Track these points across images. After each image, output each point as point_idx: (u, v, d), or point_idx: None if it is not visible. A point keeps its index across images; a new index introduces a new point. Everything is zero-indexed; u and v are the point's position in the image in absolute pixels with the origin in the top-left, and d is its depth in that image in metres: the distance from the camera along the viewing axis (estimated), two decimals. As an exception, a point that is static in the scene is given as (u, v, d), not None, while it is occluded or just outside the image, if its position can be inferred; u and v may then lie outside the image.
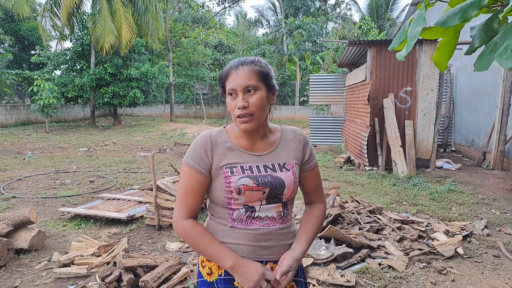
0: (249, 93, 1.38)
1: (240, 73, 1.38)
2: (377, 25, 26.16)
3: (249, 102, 1.37)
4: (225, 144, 1.47)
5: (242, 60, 1.42)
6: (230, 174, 1.41)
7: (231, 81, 1.38)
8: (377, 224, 4.44)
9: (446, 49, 1.50)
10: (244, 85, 1.37)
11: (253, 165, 1.45)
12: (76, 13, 17.54)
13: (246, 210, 1.43)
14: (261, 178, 1.42)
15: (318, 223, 1.57)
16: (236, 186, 1.40)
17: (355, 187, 6.82)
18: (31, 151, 10.64)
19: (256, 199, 1.42)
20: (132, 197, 5.56)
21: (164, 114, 25.59)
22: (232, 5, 27.56)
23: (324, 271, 3.41)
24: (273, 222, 1.46)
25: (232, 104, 1.39)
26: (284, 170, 1.46)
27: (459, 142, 11.23)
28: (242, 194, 1.40)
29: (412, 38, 1.26)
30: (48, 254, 3.84)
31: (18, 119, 18.08)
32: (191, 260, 3.69)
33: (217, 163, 1.43)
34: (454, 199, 6.02)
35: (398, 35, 1.44)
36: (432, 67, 7.91)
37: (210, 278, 1.49)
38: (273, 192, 1.43)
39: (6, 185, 6.70)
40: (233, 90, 1.38)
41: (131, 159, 9.58)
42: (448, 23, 1.18)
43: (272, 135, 1.53)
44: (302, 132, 1.59)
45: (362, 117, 8.71)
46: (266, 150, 1.49)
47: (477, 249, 4.05)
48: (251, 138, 1.47)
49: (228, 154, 1.45)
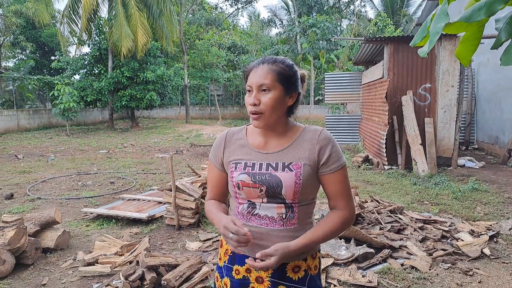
0: (263, 92, 1.40)
1: (258, 71, 1.41)
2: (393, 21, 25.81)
3: (261, 101, 1.39)
4: (239, 141, 1.55)
5: (266, 58, 1.44)
6: (234, 169, 1.49)
7: (250, 78, 1.43)
8: (398, 224, 4.39)
9: (469, 43, 1.46)
10: (259, 83, 1.39)
11: (256, 162, 1.47)
12: (93, 18, 17.84)
13: (248, 206, 1.47)
14: (259, 175, 1.43)
15: (331, 227, 1.43)
16: (236, 181, 1.47)
17: (374, 187, 6.74)
18: (54, 154, 10.88)
19: (255, 196, 1.44)
20: (151, 198, 5.63)
21: (179, 115, 25.80)
22: (245, 6, 27.61)
23: (345, 272, 3.38)
24: (272, 222, 1.44)
25: (247, 101, 1.44)
26: (286, 170, 1.42)
27: (482, 139, 10.97)
28: (241, 189, 1.46)
29: (435, 33, 1.24)
30: (73, 253, 3.94)
31: (40, 123, 18.52)
32: (211, 260, 3.72)
33: (227, 158, 1.53)
34: (479, 198, 5.89)
35: (419, 31, 1.41)
36: (452, 62, 7.76)
37: (220, 263, 1.60)
38: (270, 191, 1.42)
39: (31, 187, 6.89)
40: (249, 87, 1.43)
41: (149, 161, 9.70)
42: (473, 18, 1.15)
43: (290, 135, 1.50)
44: (324, 134, 1.48)
45: (380, 115, 8.61)
46: (277, 149, 1.47)
47: (505, 250, 3.94)
48: (265, 136, 1.50)
49: (239, 151, 1.52)
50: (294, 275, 1.47)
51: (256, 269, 1.40)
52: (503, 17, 1.24)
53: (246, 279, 1.49)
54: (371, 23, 22.71)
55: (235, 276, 1.51)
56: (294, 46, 26.61)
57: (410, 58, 8.02)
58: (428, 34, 1.32)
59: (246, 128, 1.59)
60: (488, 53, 10.35)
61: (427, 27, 1.33)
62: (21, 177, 7.71)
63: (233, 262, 1.53)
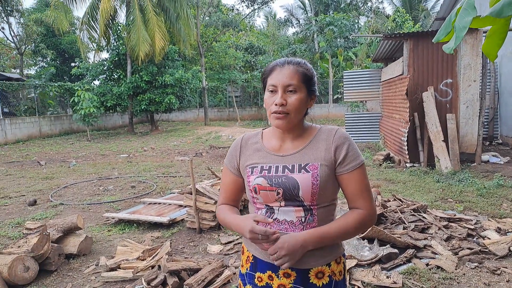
0: (290, 93, 1.39)
1: (284, 71, 1.39)
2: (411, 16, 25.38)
3: (288, 101, 1.38)
4: (254, 145, 1.54)
5: (289, 59, 1.43)
6: (250, 173, 1.47)
7: (274, 77, 1.40)
8: (422, 223, 4.29)
9: (496, 38, 1.41)
10: (286, 83, 1.38)
11: (272, 165, 1.44)
12: (112, 24, 18.15)
13: (267, 211, 1.45)
14: (275, 178, 1.40)
15: (347, 225, 1.38)
16: (252, 185, 1.44)
17: (397, 185, 6.62)
18: (75, 159, 11.09)
19: (273, 199, 1.41)
20: (172, 201, 5.67)
21: (198, 118, 25.99)
22: (261, 6, 27.60)
23: (368, 273, 3.32)
24: (291, 227, 1.40)
25: (269, 100, 1.41)
26: (302, 171, 1.38)
27: (506, 134, 10.66)
28: (258, 193, 1.44)
29: (462, 29, 1.19)
30: (95, 259, 3.98)
31: (61, 129, 18.93)
32: (232, 263, 3.70)
33: (243, 163, 1.53)
34: (505, 194, 5.71)
35: (443, 26, 1.36)
36: (474, 56, 7.56)
37: (243, 270, 1.58)
38: (287, 194, 1.38)
39: (54, 193, 7.02)
40: (274, 86, 1.39)
41: (169, 164, 9.78)
42: (504, 13, 1.09)
43: (306, 136, 1.47)
44: (339, 132, 1.45)
45: (400, 112, 8.46)
46: (292, 151, 1.45)
47: (533, 247, 3.81)
48: (282, 138, 1.49)
49: (254, 155, 1.51)
50: (318, 281, 1.43)
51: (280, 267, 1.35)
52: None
53: (269, 287, 1.47)
54: (389, 19, 22.39)
55: (258, 284, 1.50)
56: (312, 45, 26.45)
57: (430, 54, 7.86)
58: (453, 30, 1.26)
59: (261, 132, 1.58)
60: (511, 46, 10.05)
61: (452, 22, 1.28)
62: (43, 183, 7.87)
63: (255, 269, 1.50)
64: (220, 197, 1.64)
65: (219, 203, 1.64)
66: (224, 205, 1.61)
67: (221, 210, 1.59)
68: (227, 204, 1.61)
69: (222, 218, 1.57)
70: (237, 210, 1.59)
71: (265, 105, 1.44)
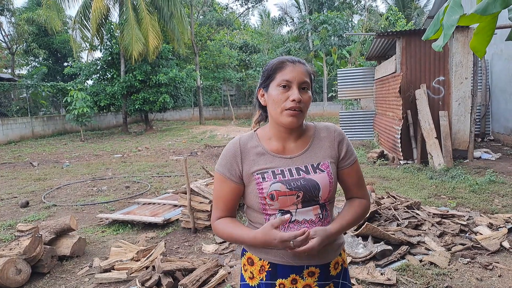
0: (303, 90, 1.39)
1: (298, 68, 1.39)
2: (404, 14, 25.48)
3: (302, 98, 1.36)
4: (255, 149, 1.45)
5: (297, 58, 1.43)
6: (262, 180, 1.39)
7: (287, 73, 1.37)
8: (416, 220, 4.32)
9: (484, 35, 1.42)
10: (302, 80, 1.38)
11: (285, 169, 1.41)
12: (104, 23, 18.04)
13: (282, 215, 1.39)
14: (294, 182, 1.38)
15: (355, 213, 1.46)
16: (268, 192, 1.37)
17: (391, 182, 6.66)
18: (68, 160, 11.03)
19: (290, 203, 1.38)
20: (167, 201, 5.65)
21: (193, 117, 25.93)
22: (256, 5, 27.57)
23: (363, 270, 3.34)
24: (311, 225, 1.40)
25: (282, 96, 1.36)
26: (318, 172, 1.41)
27: (497, 130, 10.75)
28: (276, 199, 1.37)
29: (450, 26, 1.20)
30: (89, 260, 3.95)
31: (54, 129, 18.78)
32: (227, 262, 3.71)
33: (248, 169, 1.43)
34: (496, 190, 5.77)
35: (431, 24, 1.37)
36: (465, 54, 7.62)
37: (252, 282, 1.49)
38: (308, 196, 1.38)
39: (46, 194, 6.97)
40: (288, 82, 1.36)
41: (164, 163, 9.76)
42: (488, 10, 1.11)
43: (305, 135, 1.48)
44: (337, 128, 1.52)
45: (394, 110, 8.50)
46: (298, 152, 1.44)
47: (525, 242, 3.86)
48: (283, 139, 1.45)
49: (259, 160, 1.43)
50: (334, 271, 1.49)
51: (301, 255, 1.35)
52: (516, 7, 1.20)
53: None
54: (382, 18, 22.46)
55: None
56: (306, 43, 26.50)
57: (422, 52, 7.91)
58: (441, 27, 1.28)
59: (256, 134, 1.50)
60: (501, 44, 10.15)
61: (440, 20, 1.29)
62: (36, 185, 7.81)
63: (275, 277, 1.44)
64: (217, 211, 1.50)
65: (216, 217, 1.49)
66: (224, 218, 1.48)
67: (224, 224, 1.46)
68: (228, 217, 1.49)
69: (228, 234, 1.44)
70: (241, 223, 1.48)
71: (275, 101, 1.38)
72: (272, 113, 1.41)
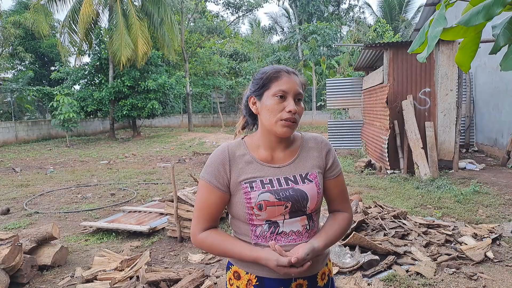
0: (298, 102, 1.38)
1: (293, 79, 1.38)
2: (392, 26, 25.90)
3: (297, 110, 1.36)
4: (243, 157, 1.42)
5: (291, 69, 1.42)
6: (250, 189, 1.36)
7: (283, 83, 1.36)
8: (402, 230, 4.34)
9: (468, 49, 1.44)
10: (297, 92, 1.38)
11: (273, 178, 1.39)
12: (94, 28, 17.93)
13: (270, 226, 1.37)
14: (283, 192, 1.36)
15: (340, 228, 1.46)
16: (256, 202, 1.35)
17: (378, 192, 6.69)
18: (53, 166, 10.85)
19: (278, 214, 1.36)
20: (153, 209, 5.58)
21: (182, 124, 25.84)
22: (246, 13, 27.72)
23: (350, 280, 3.33)
24: (299, 237, 1.39)
25: (278, 106, 1.35)
26: (306, 182, 1.40)
27: (481, 141, 10.94)
28: (264, 210, 1.35)
29: (433, 38, 1.22)
30: (71, 270, 3.86)
31: (39, 135, 18.47)
32: (214, 272, 3.66)
33: (236, 178, 1.39)
34: (480, 200, 5.84)
35: (417, 37, 1.39)
36: (450, 67, 7.77)
37: None
38: (296, 206, 1.37)
39: (28, 201, 6.82)
40: (285, 92, 1.35)
41: (151, 170, 9.66)
42: (471, 22, 1.13)
43: (293, 144, 1.48)
44: (324, 139, 1.53)
45: (381, 120, 8.58)
46: (286, 161, 1.43)
47: (508, 253, 3.90)
48: (272, 148, 1.43)
49: (247, 168, 1.40)
50: (321, 282, 1.49)
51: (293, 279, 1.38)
52: (500, 23, 1.23)
53: None
54: (370, 29, 22.78)
55: None
56: (295, 52, 26.72)
57: (409, 63, 8.03)
58: (426, 40, 1.30)
59: (244, 141, 1.47)
60: (484, 57, 10.39)
61: (425, 32, 1.31)
62: (18, 191, 7.62)
63: None
64: (201, 221, 1.42)
65: (200, 229, 1.41)
66: (210, 230, 1.41)
67: (213, 237, 1.40)
68: (213, 229, 1.43)
69: (216, 245, 1.39)
70: (232, 236, 1.44)
71: (269, 110, 1.35)
72: (265, 122, 1.38)
